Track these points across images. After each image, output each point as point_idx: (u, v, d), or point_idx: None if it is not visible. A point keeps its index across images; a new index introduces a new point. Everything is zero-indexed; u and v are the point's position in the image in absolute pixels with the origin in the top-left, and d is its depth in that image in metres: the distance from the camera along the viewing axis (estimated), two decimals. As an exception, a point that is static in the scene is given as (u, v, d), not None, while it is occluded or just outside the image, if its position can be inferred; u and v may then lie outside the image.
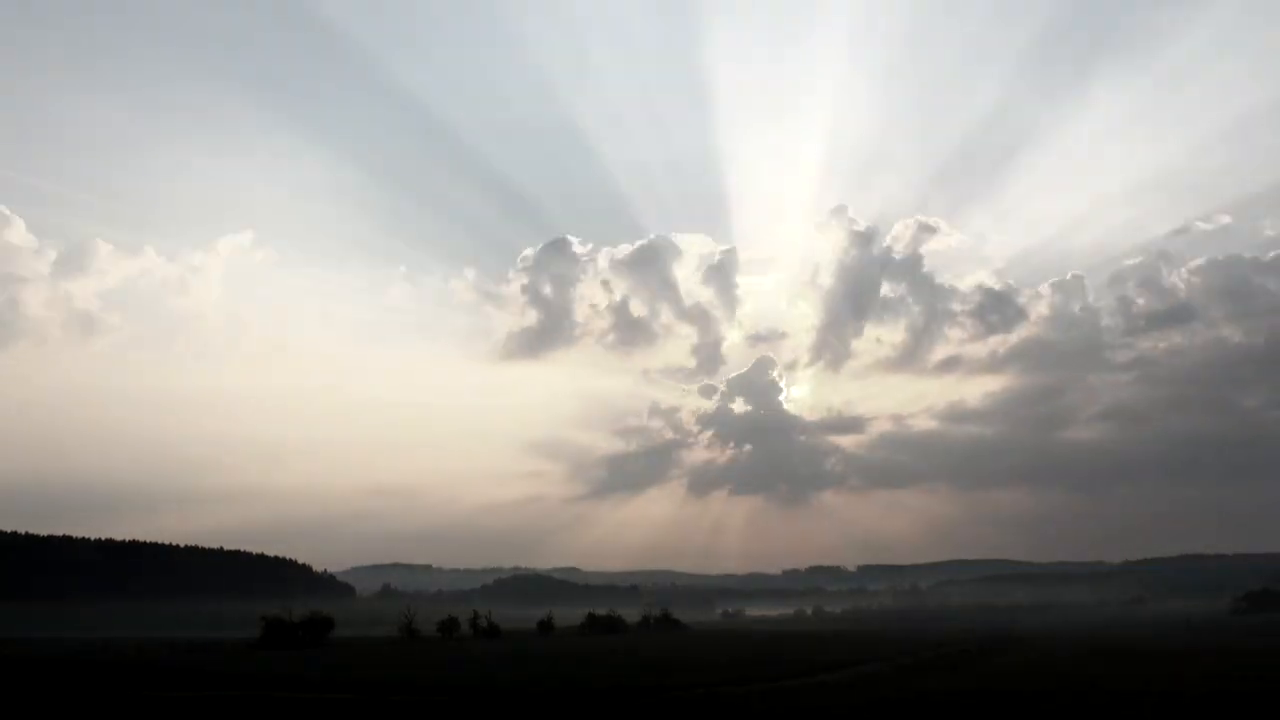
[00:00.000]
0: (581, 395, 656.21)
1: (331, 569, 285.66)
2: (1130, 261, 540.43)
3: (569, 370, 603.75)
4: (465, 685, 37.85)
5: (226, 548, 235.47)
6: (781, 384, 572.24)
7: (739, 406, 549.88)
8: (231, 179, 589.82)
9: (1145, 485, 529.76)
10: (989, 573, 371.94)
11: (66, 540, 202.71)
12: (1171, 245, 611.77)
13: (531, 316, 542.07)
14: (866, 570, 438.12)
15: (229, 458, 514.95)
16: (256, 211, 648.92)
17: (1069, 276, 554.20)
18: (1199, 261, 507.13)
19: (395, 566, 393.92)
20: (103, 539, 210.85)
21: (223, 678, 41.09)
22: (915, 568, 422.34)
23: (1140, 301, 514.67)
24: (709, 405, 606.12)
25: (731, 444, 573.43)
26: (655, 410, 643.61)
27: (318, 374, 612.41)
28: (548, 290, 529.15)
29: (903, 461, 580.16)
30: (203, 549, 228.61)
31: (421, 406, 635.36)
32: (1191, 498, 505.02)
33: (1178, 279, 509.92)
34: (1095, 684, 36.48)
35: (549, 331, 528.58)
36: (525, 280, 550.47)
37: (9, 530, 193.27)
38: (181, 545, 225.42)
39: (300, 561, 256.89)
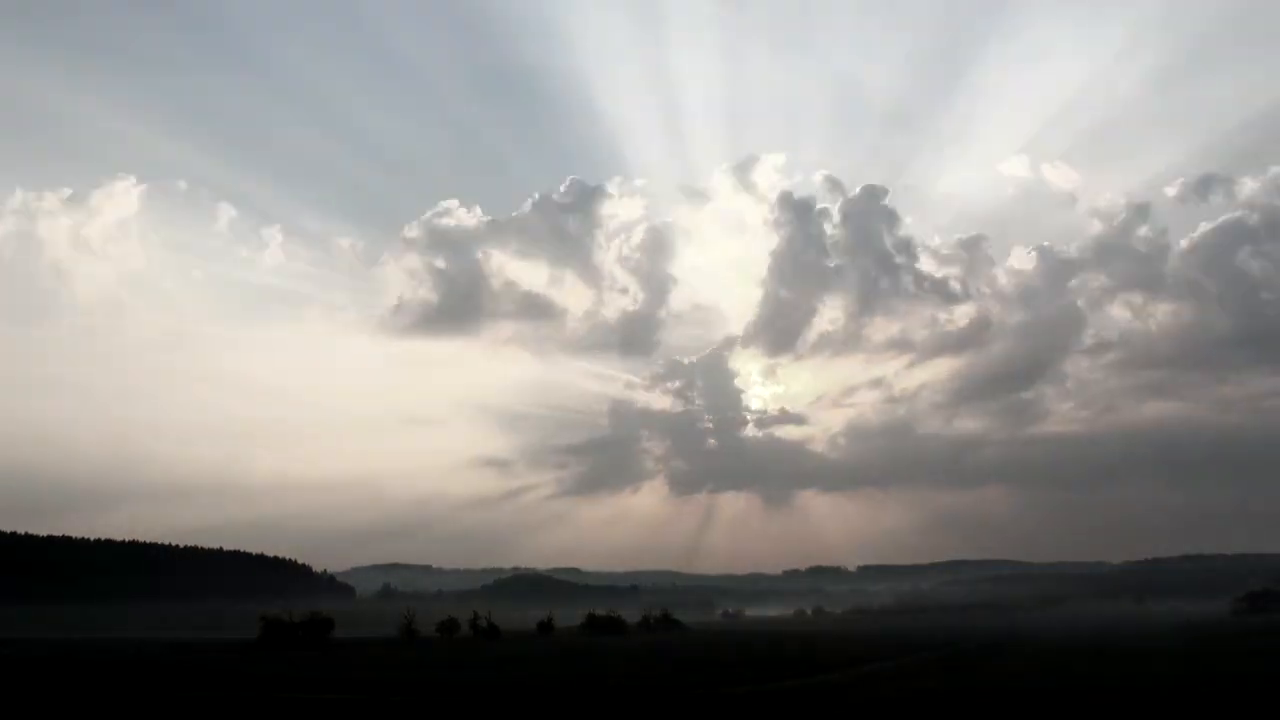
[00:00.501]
0: (503, 377, 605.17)
1: (331, 569, 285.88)
2: (1112, 225, 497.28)
3: (480, 348, 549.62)
4: (465, 685, 37.85)
5: (226, 548, 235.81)
6: (736, 370, 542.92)
7: (693, 395, 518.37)
8: (74, 119, 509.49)
9: (1145, 485, 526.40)
10: (989, 573, 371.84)
11: (66, 540, 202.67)
12: (1159, 207, 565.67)
13: (431, 285, 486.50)
14: (866, 570, 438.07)
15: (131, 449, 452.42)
16: (110, 158, 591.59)
17: (1044, 244, 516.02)
18: (1195, 227, 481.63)
19: (395, 566, 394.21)
20: (103, 539, 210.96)
21: (223, 678, 41.10)
22: (915, 568, 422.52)
23: (1122, 274, 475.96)
24: (657, 393, 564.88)
25: (693, 439, 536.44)
26: (596, 397, 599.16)
27: (202, 353, 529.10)
28: (451, 255, 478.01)
29: (891, 460, 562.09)
30: (203, 549, 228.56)
31: (325, 389, 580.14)
32: (1191, 498, 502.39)
33: (1166, 247, 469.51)
34: (1095, 684, 36.46)
35: (453, 303, 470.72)
36: (424, 243, 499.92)
37: (9, 530, 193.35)
38: (181, 545, 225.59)
39: (300, 561, 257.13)
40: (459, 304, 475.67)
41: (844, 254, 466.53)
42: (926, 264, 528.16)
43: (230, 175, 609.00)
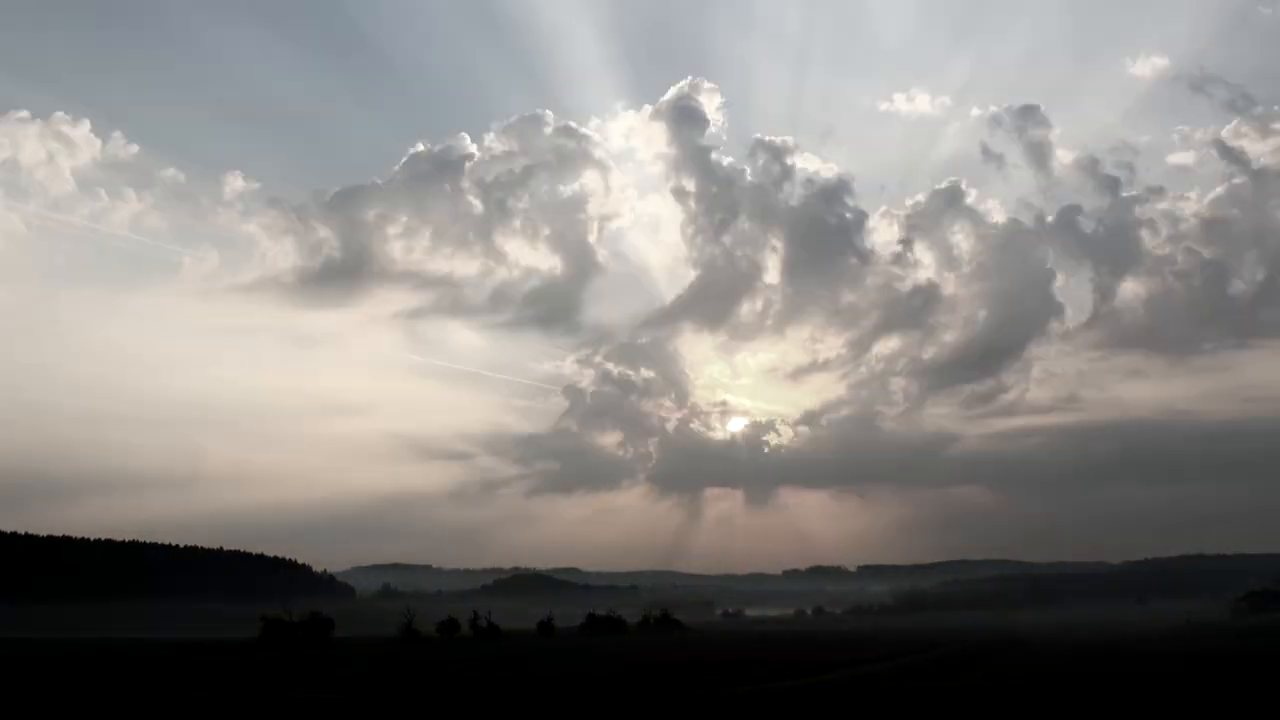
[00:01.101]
0: (417, 353, 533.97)
1: (331, 569, 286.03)
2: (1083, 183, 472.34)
3: (379, 321, 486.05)
4: (466, 685, 37.87)
5: (227, 548, 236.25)
6: (686, 353, 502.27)
7: (647, 382, 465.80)
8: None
9: (1144, 484, 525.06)
10: (989, 573, 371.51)
11: (67, 540, 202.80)
12: (1144, 153, 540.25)
13: (314, 250, 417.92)
14: (866, 570, 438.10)
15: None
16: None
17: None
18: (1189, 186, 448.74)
19: (395, 566, 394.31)
20: (103, 539, 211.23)
21: (223, 678, 41.10)
22: (916, 568, 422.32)
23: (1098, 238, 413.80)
24: (601, 375, 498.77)
25: (659, 432, 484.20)
26: (538, 379, 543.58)
27: (65, 321, 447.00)
28: (333, 217, 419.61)
29: (885, 457, 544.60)
30: (203, 549, 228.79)
31: (216, 365, 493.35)
32: (1191, 498, 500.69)
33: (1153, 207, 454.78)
34: (1095, 684, 36.46)
35: (340, 270, 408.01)
36: (303, 203, 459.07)
37: (9, 530, 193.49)
38: (182, 545, 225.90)
39: (300, 561, 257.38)
40: (347, 271, 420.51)
41: (784, 212, 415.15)
42: (889, 226, 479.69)
43: (88, 114, 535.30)
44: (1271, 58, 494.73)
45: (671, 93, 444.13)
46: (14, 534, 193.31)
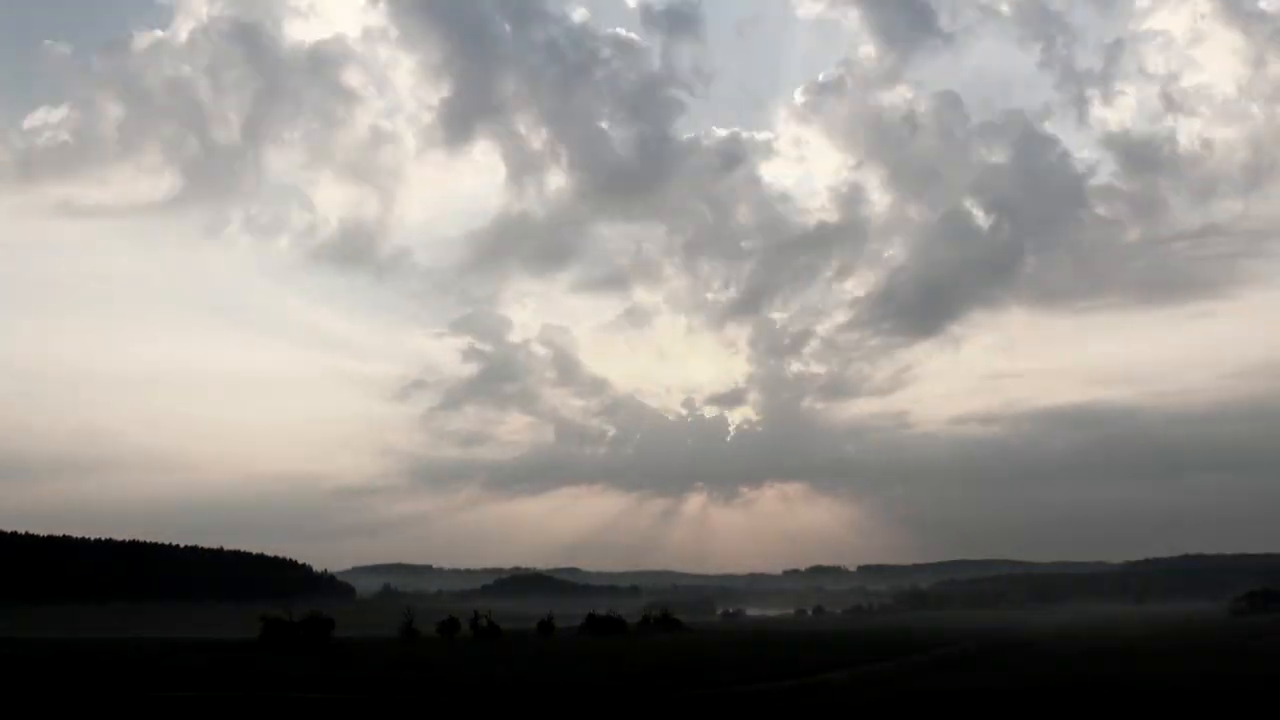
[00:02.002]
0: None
1: (331, 569, 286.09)
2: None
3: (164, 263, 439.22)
4: (466, 685, 37.89)
5: (227, 548, 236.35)
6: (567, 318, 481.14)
7: (537, 362, 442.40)
8: None
9: (1144, 484, 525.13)
10: (989, 573, 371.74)
11: (66, 540, 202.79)
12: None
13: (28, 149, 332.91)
14: (866, 570, 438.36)
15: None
16: None
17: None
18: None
19: (395, 566, 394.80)
20: (103, 539, 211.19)
21: (223, 678, 41.10)
22: (916, 568, 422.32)
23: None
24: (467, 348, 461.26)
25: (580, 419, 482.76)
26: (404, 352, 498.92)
27: None
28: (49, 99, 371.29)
29: (886, 456, 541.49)
30: (203, 549, 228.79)
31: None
32: (1191, 498, 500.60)
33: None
34: (1095, 684, 36.46)
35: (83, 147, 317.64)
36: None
37: (9, 530, 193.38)
38: (181, 545, 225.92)
39: (300, 561, 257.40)
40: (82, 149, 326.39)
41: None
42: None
43: None
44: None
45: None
46: (14, 534, 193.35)
